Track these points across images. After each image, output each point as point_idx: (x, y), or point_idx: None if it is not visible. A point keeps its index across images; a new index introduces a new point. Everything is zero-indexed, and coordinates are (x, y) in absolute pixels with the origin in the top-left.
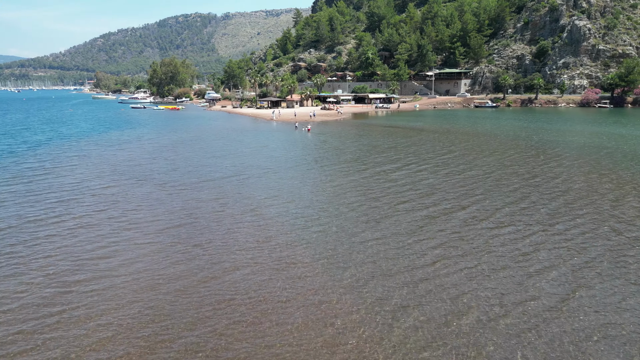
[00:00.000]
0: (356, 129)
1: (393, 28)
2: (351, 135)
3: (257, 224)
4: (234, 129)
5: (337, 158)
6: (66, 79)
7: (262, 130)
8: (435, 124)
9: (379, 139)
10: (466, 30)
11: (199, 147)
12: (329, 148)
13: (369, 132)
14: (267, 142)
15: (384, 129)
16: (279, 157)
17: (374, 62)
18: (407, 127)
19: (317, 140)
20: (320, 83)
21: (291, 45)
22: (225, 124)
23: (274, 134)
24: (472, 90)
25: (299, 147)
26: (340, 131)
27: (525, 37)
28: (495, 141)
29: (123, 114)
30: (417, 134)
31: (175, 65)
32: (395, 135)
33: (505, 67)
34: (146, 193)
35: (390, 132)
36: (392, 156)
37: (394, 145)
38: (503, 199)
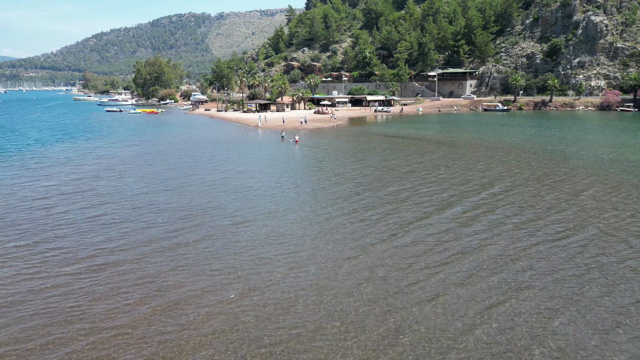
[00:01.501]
0: (355, 140)
1: (392, 25)
2: (349, 149)
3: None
4: (210, 140)
5: (333, 194)
6: (57, 79)
7: (242, 142)
8: (448, 133)
9: (386, 157)
10: (470, 27)
11: (151, 171)
12: (322, 173)
13: (370, 144)
14: (243, 162)
15: (389, 140)
16: (253, 192)
17: (372, 61)
18: (416, 138)
19: (306, 158)
20: (314, 84)
21: (284, 44)
22: (200, 134)
23: (255, 147)
24: (478, 91)
25: (282, 171)
26: (336, 143)
27: (535, 35)
28: (544, 162)
29: (93, 118)
30: (432, 148)
31: (160, 64)
32: (406, 151)
33: (514, 67)
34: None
35: (398, 144)
36: (412, 189)
37: (410, 169)
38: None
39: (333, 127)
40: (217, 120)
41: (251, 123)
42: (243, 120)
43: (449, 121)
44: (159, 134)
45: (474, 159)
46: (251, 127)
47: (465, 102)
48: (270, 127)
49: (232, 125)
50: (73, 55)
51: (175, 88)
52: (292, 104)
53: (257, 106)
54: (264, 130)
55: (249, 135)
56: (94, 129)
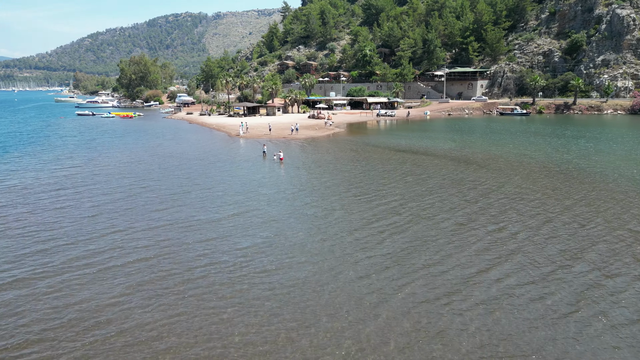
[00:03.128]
0: (357, 157)
1: (393, 21)
2: (352, 174)
3: None
4: (174, 157)
5: (344, 290)
6: (52, 79)
7: (212, 162)
8: (473, 146)
9: (410, 191)
10: (480, 23)
11: (65, 223)
12: (312, 226)
13: (379, 164)
14: (202, 201)
15: (403, 157)
16: (204, 265)
17: (373, 60)
18: (437, 154)
19: (292, 190)
20: (310, 84)
21: (278, 42)
22: (168, 147)
23: (227, 170)
24: (490, 92)
25: (258, 221)
26: (332, 163)
27: (552, 30)
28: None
29: (55, 124)
30: (467, 172)
31: (146, 64)
32: (434, 178)
33: (530, 66)
34: None
35: (418, 166)
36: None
37: (459, 220)
38: None
39: (329, 137)
40: (196, 127)
41: (233, 131)
42: (224, 127)
43: (465, 128)
44: (117, 147)
45: (540, 198)
46: (231, 137)
47: (477, 104)
48: (253, 136)
49: (210, 134)
50: (68, 55)
51: (163, 89)
52: (285, 106)
53: (244, 109)
54: (245, 140)
55: (225, 148)
56: (41, 140)
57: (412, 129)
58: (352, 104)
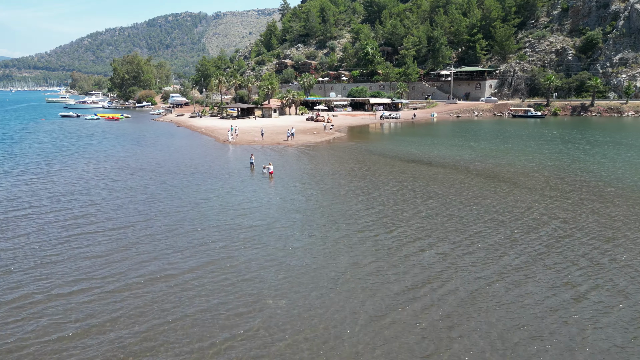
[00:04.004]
0: (361, 172)
1: (396, 18)
2: (356, 198)
3: None
4: (149, 169)
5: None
6: (51, 79)
7: (190, 175)
8: (494, 155)
9: (431, 224)
10: (489, 19)
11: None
12: (308, 295)
13: (387, 181)
14: (164, 236)
15: (414, 170)
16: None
17: (375, 58)
18: (453, 166)
19: (281, 221)
20: (309, 84)
21: (276, 41)
22: (146, 155)
23: (206, 187)
24: (499, 93)
25: (227, 283)
26: (332, 178)
27: (565, 27)
28: None
29: (32, 127)
30: (499, 193)
31: (138, 63)
32: (455, 203)
33: (542, 65)
34: None
35: (431, 180)
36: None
37: (516, 277)
38: None
39: (329, 143)
40: (183, 131)
41: (222, 135)
42: (213, 131)
43: (479, 133)
44: (85, 157)
45: (614, 236)
46: (219, 143)
47: (487, 106)
48: (243, 142)
49: (196, 140)
50: (67, 55)
51: (158, 89)
52: (281, 108)
53: (238, 111)
54: (234, 147)
55: (209, 158)
56: (4, 147)
57: (421, 134)
58: (353, 105)
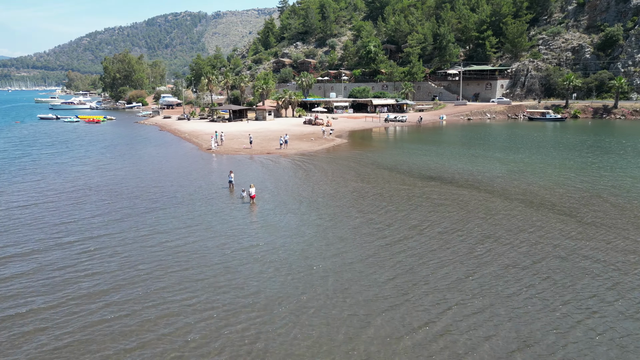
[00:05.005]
0: (369, 194)
1: (400, 14)
2: (365, 239)
3: None
4: (105, 187)
5: None
6: (49, 79)
7: (151, 201)
8: (530, 170)
9: (489, 291)
10: (499, 15)
11: None
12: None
13: (405, 209)
14: (77, 318)
15: (436, 192)
16: None
17: (377, 57)
18: (486, 187)
19: (259, 282)
20: (307, 84)
21: (274, 39)
22: (108, 168)
23: (167, 222)
24: (512, 93)
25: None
26: (331, 206)
27: (582, 23)
28: None
29: (2, 132)
30: (553, 232)
31: (130, 61)
32: (507, 249)
33: (557, 63)
34: None
35: (461, 209)
36: None
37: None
38: None
39: (328, 152)
40: (165, 136)
41: (205, 142)
42: (197, 137)
43: (497, 139)
44: (34, 172)
45: None
46: (201, 152)
47: (500, 107)
48: (229, 150)
49: (176, 147)
50: (66, 54)
51: (151, 89)
52: (277, 109)
53: (230, 113)
54: (218, 158)
55: (183, 173)
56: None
57: (433, 140)
58: (355, 107)
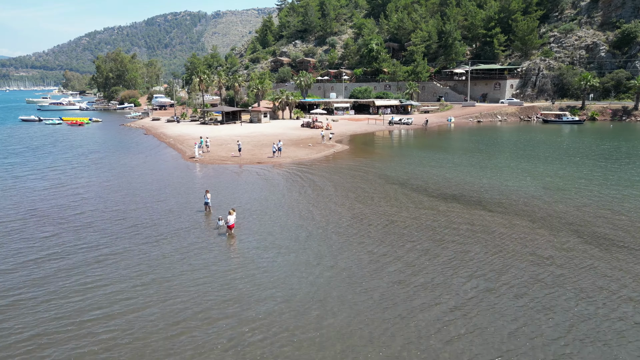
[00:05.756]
0: (376, 222)
1: (403, 11)
2: (375, 301)
3: None
4: (52, 215)
5: None
6: (48, 78)
7: (108, 231)
8: (573, 188)
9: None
10: (508, 11)
11: None
12: None
13: (424, 243)
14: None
15: (458, 215)
16: None
17: (380, 55)
18: (523, 211)
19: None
20: (306, 84)
21: (272, 37)
22: (75, 183)
23: (113, 271)
24: (522, 94)
25: None
26: (330, 233)
27: (595, 20)
28: None
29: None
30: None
31: (122, 60)
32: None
33: (570, 62)
34: None
35: (498, 248)
36: None
37: None
38: None
39: (327, 160)
40: (148, 141)
41: (190, 149)
42: (183, 143)
43: (517, 145)
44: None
45: None
46: (183, 160)
47: (512, 109)
48: (214, 159)
49: (157, 155)
50: (65, 54)
51: (145, 89)
52: (273, 111)
53: (223, 115)
54: (201, 168)
55: (156, 188)
56: None
57: (445, 146)
58: (356, 108)
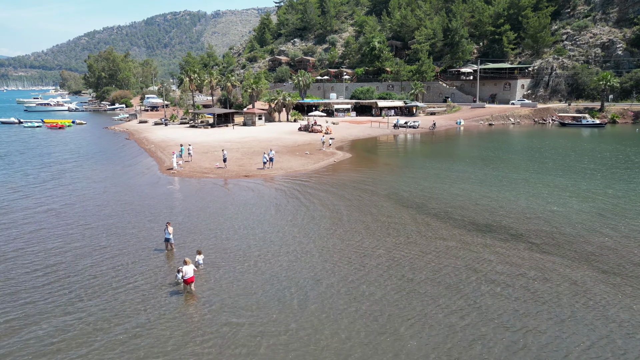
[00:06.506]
0: (392, 267)
1: (407, 8)
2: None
3: None
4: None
5: None
6: (47, 78)
7: (31, 284)
8: (626, 212)
9: None
10: (518, 7)
11: None
12: None
13: (461, 316)
14: None
15: (501, 257)
16: None
17: (382, 54)
18: (574, 246)
19: None
20: (304, 84)
21: (270, 35)
22: (18, 209)
23: (22, 341)
24: (534, 94)
25: None
26: (322, 299)
27: (611, 16)
28: None
29: None
30: None
31: (114, 59)
32: None
33: (585, 61)
34: None
35: (586, 324)
36: None
37: None
38: None
39: (327, 173)
40: (128, 148)
41: (170, 159)
42: (164, 149)
43: (541, 151)
44: None
45: None
46: (159, 173)
47: (525, 111)
48: (195, 171)
49: (133, 166)
50: (64, 54)
51: (139, 89)
52: (269, 113)
53: (215, 118)
54: (179, 183)
55: (119, 213)
56: None
57: (460, 155)
58: (357, 109)
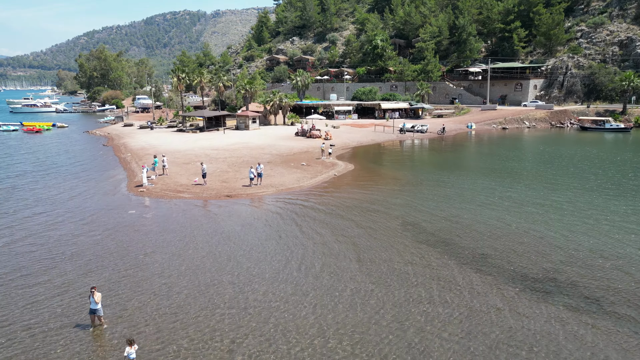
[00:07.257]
0: (424, 355)
1: (411, 5)
2: None
3: None
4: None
5: None
6: (46, 78)
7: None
8: None
9: None
10: (529, 3)
11: None
12: None
13: None
14: None
15: (583, 342)
16: None
17: (385, 52)
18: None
19: None
20: (303, 84)
21: (268, 33)
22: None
23: None
24: (547, 95)
25: None
26: None
27: (629, 13)
28: None
29: None
30: None
31: (106, 59)
32: None
33: (602, 59)
34: None
35: None
36: None
37: None
38: None
39: (324, 192)
40: (101, 157)
41: (137, 171)
42: (142, 158)
43: (572, 161)
44: None
45: None
46: (126, 192)
47: (541, 113)
48: (169, 189)
49: (97, 181)
50: (63, 54)
51: (132, 89)
52: (264, 115)
53: (204, 121)
54: (144, 206)
55: (52, 257)
56: None
57: (482, 167)
58: (359, 111)
